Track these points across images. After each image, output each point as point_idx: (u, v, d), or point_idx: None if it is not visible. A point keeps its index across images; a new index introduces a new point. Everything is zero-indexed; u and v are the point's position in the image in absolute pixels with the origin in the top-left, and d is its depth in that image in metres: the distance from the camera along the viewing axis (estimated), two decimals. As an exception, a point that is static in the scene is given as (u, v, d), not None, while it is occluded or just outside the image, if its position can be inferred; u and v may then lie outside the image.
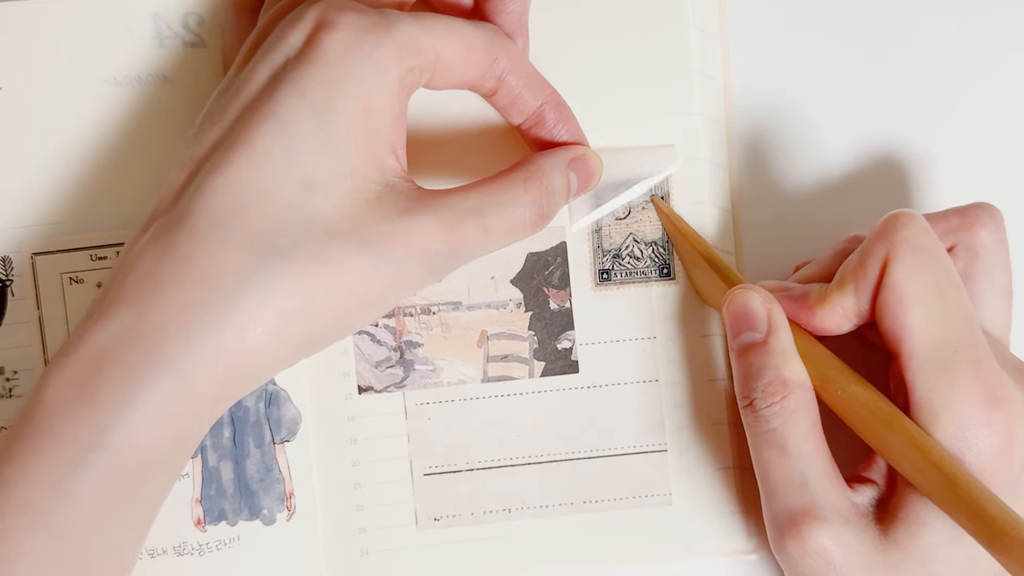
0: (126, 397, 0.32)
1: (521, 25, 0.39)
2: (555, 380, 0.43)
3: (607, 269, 0.43)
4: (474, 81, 0.37)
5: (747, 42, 0.45)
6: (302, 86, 0.33)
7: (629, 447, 0.43)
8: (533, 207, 0.36)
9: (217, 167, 0.33)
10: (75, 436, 0.32)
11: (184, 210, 0.33)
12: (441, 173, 0.43)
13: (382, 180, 0.34)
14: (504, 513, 0.43)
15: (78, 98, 0.42)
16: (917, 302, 0.36)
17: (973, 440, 0.35)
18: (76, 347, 0.32)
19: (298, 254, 0.32)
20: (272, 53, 0.34)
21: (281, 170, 0.33)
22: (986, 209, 0.40)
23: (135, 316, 0.32)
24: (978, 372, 0.35)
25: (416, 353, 0.43)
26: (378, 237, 0.33)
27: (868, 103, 0.45)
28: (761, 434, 0.37)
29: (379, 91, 0.34)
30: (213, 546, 0.41)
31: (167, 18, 0.43)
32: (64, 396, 0.32)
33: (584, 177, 0.39)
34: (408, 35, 0.34)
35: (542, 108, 0.39)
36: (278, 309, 0.32)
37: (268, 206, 0.33)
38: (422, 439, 0.43)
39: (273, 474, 0.42)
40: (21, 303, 0.42)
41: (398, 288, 0.34)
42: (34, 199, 0.42)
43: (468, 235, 0.35)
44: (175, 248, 0.33)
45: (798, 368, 0.38)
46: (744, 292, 0.39)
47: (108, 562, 0.33)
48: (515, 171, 0.37)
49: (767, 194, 0.45)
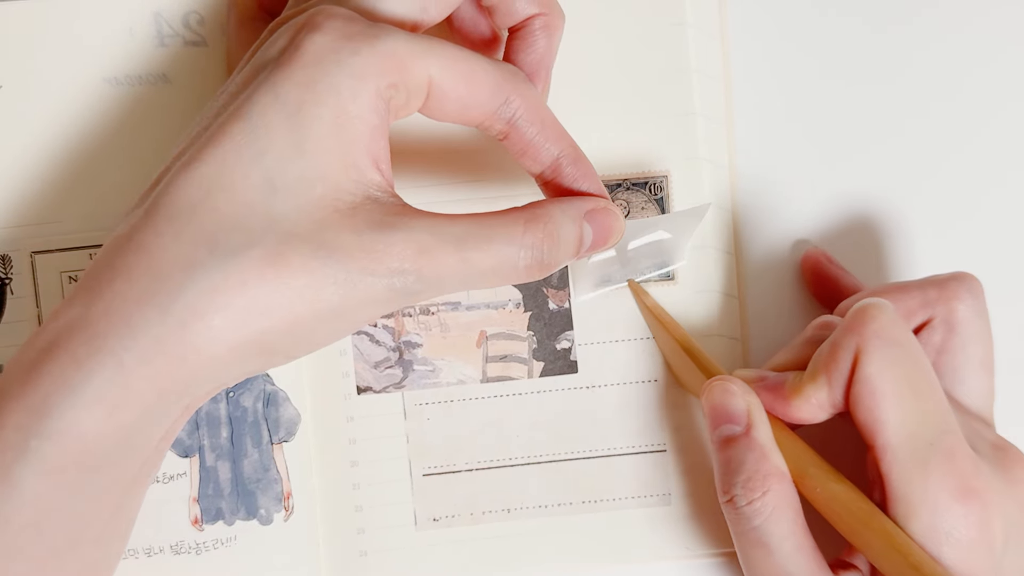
0: (67, 384, 0.31)
1: (543, 67, 0.38)
2: (554, 380, 0.43)
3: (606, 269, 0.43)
4: (479, 119, 0.35)
5: (747, 42, 0.45)
6: (277, 87, 0.33)
7: (628, 447, 0.43)
8: (531, 251, 0.34)
9: (188, 163, 0.33)
10: (18, 422, 0.31)
11: (150, 204, 0.33)
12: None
13: (360, 191, 0.33)
14: (503, 513, 0.43)
15: (79, 97, 0.42)
16: (889, 396, 0.36)
17: (950, 531, 0.35)
18: (34, 335, 0.33)
19: (250, 252, 0.32)
20: (259, 55, 0.34)
21: (247, 168, 0.32)
22: (964, 282, 0.40)
23: (86, 304, 0.32)
24: (952, 463, 0.36)
25: (415, 353, 0.43)
26: (341, 247, 0.32)
27: (870, 101, 0.45)
28: (744, 533, 0.38)
29: (354, 100, 0.33)
30: (210, 545, 0.41)
31: (168, 17, 0.43)
32: (12, 382, 0.32)
33: (602, 233, 0.36)
34: (394, 49, 0.33)
35: (559, 161, 0.37)
36: (222, 306, 0.31)
37: (228, 203, 0.32)
38: (421, 439, 0.43)
39: (271, 474, 0.42)
40: (20, 301, 0.42)
41: (357, 307, 0.33)
42: (34, 198, 0.42)
43: (442, 262, 0.33)
44: (133, 240, 0.32)
45: (778, 461, 0.38)
46: (722, 385, 0.39)
47: (66, 561, 0.33)
48: (520, 210, 0.35)
49: (767, 193, 0.45)
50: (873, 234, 0.45)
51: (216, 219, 0.32)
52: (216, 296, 0.31)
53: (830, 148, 0.45)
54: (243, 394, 0.42)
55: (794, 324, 0.44)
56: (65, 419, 0.31)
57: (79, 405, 0.31)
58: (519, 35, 0.38)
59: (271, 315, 0.32)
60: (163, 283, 0.31)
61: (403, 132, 0.42)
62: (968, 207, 0.45)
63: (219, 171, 0.32)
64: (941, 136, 0.45)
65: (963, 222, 0.45)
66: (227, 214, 0.32)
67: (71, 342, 0.32)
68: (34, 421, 0.31)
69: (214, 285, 0.31)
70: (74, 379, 0.31)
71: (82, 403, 0.31)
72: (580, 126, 0.40)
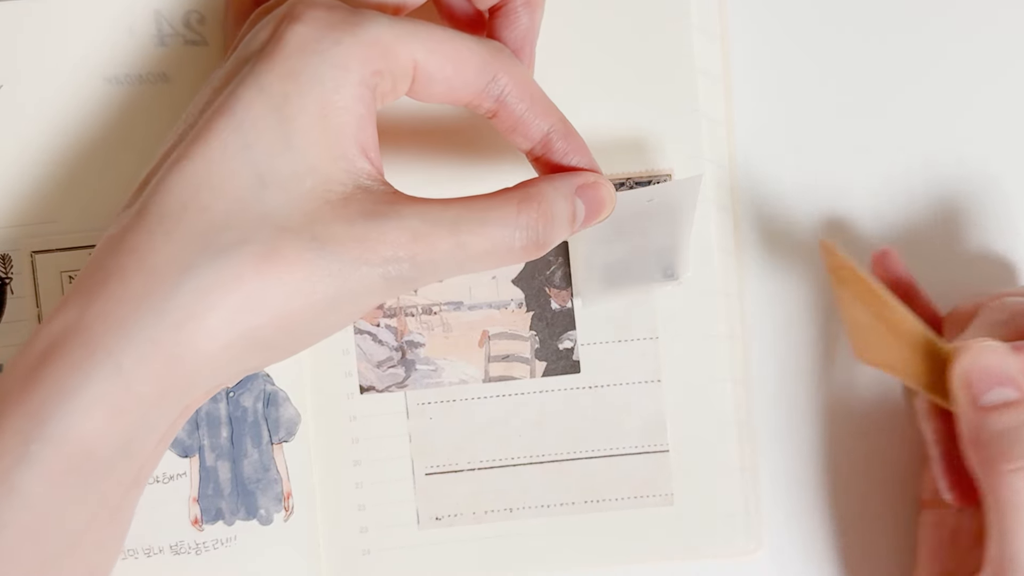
0: (65, 388, 0.31)
1: (527, 43, 0.38)
2: (557, 380, 0.43)
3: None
4: (468, 99, 0.35)
5: (748, 42, 0.45)
6: (261, 80, 0.32)
7: (631, 447, 0.43)
8: (526, 231, 0.34)
9: (176, 162, 0.33)
10: (18, 427, 0.31)
11: (140, 205, 0.33)
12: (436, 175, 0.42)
13: (351, 181, 0.33)
14: (505, 513, 0.43)
15: (79, 96, 0.42)
16: None
17: None
18: (31, 339, 0.32)
19: (243, 249, 0.31)
20: (242, 48, 0.34)
21: (235, 164, 0.32)
22: None
23: (82, 307, 0.32)
24: None
25: (418, 353, 0.43)
26: (334, 238, 0.32)
27: (870, 101, 0.45)
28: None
29: (338, 90, 0.32)
30: (210, 545, 0.41)
31: (168, 16, 0.42)
32: (11, 387, 0.32)
33: (593, 206, 0.36)
34: (377, 35, 0.33)
35: (549, 136, 0.36)
36: (216, 304, 0.31)
37: (219, 200, 0.32)
38: (424, 439, 0.43)
39: (270, 474, 0.42)
40: (20, 301, 0.42)
41: (353, 297, 0.33)
42: (34, 197, 0.42)
43: (436, 248, 0.33)
44: (125, 241, 0.32)
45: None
46: (989, 346, 0.37)
47: (65, 564, 0.33)
48: (512, 190, 0.35)
49: (768, 193, 0.45)
50: (874, 234, 0.45)
51: (207, 217, 0.32)
52: (210, 295, 0.31)
53: (830, 148, 0.45)
54: (243, 394, 0.42)
55: (794, 324, 0.44)
56: (64, 423, 0.31)
57: (78, 409, 0.31)
58: (501, 13, 0.38)
59: (267, 311, 0.32)
60: (157, 284, 0.31)
61: (389, 113, 0.42)
62: (968, 207, 0.45)
63: (207, 168, 0.32)
64: (942, 136, 0.45)
65: (965, 222, 0.45)
66: (218, 211, 0.32)
67: (68, 346, 0.31)
68: (34, 426, 0.31)
69: (208, 284, 0.31)
70: (72, 383, 0.31)
71: (81, 407, 0.31)
72: (581, 126, 0.40)
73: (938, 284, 0.44)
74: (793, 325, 0.44)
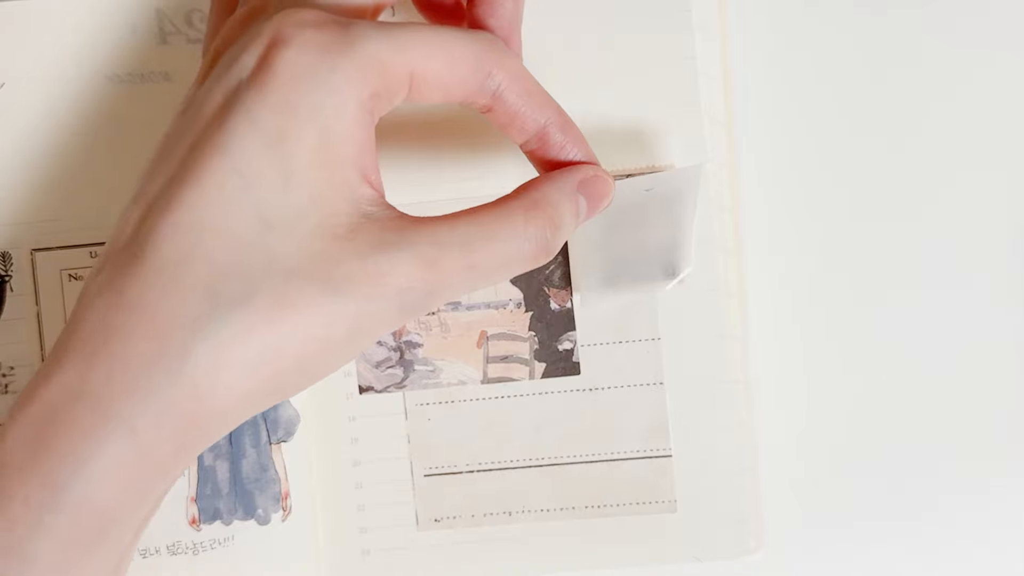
0: (79, 455, 0.30)
1: (513, 30, 0.37)
2: (556, 382, 0.42)
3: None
4: (463, 97, 0.34)
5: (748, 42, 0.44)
6: (254, 114, 0.31)
7: (632, 451, 0.42)
8: (535, 241, 0.33)
9: (169, 205, 0.31)
10: (30, 496, 0.30)
11: (135, 253, 0.31)
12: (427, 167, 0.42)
13: (355, 211, 0.32)
14: (504, 515, 0.42)
15: (80, 94, 0.42)
16: None
17: None
18: (30, 400, 0.31)
19: (254, 300, 0.30)
20: (226, 73, 0.32)
21: (235, 208, 0.31)
22: None
23: (84, 369, 0.30)
24: None
25: (416, 353, 0.43)
26: (345, 277, 0.31)
27: (870, 101, 0.44)
28: None
29: (338, 119, 0.31)
30: (207, 545, 0.41)
31: (171, 14, 0.43)
32: (18, 454, 0.31)
33: (595, 200, 0.36)
34: (372, 53, 0.31)
35: (545, 129, 0.35)
36: (232, 361, 0.30)
37: (221, 248, 0.30)
38: (422, 440, 0.43)
39: (269, 474, 0.42)
40: (20, 299, 0.42)
41: (366, 332, 0.32)
42: (34, 195, 0.42)
43: (450, 271, 0.32)
44: (124, 295, 0.31)
45: None
46: None
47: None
48: (516, 199, 0.34)
49: (768, 193, 0.44)
50: (875, 233, 0.44)
51: (211, 267, 0.30)
52: (224, 352, 0.30)
53: (830, 148, 0.44)
54: (247, 393, 0.42)
55: (795, 324, 0.44)
56: (79, 493, 0.30)
57: (94, 478, 0.30)
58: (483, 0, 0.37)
59: (282, 359, 0.31)
60: (166, 345, 0.30)
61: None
62: (969, 207, 0.44)
63: (205, 214, 0.31)
64: (943, 136, 0.44)
65: (965, 221, 0.44)
66: (222, 260, 0.30)
67: (76, 411, 0.30)
68: (48, 495, 0.30)
69: (220, 341, 0.30)
70: (86, 451, 0.30)
71: (96, 475, 0.30)
72: (582, 125, 0.39)
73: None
74: (793, 325, 0.44)
